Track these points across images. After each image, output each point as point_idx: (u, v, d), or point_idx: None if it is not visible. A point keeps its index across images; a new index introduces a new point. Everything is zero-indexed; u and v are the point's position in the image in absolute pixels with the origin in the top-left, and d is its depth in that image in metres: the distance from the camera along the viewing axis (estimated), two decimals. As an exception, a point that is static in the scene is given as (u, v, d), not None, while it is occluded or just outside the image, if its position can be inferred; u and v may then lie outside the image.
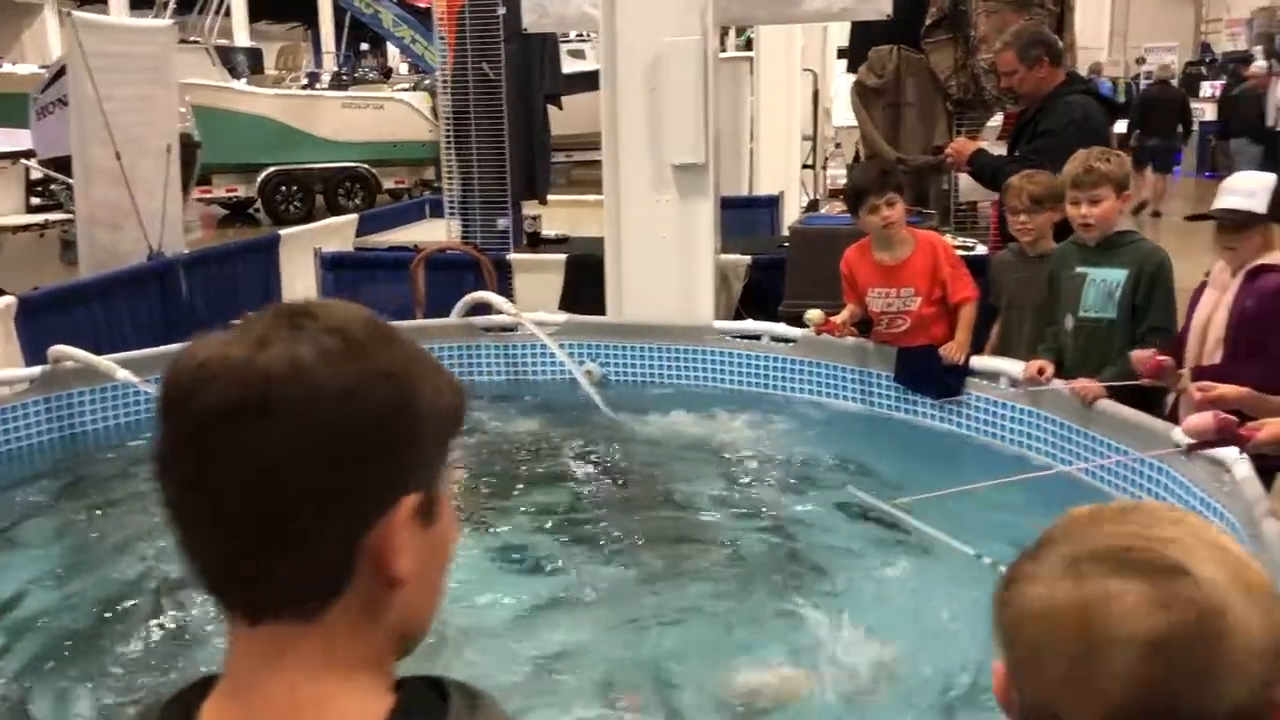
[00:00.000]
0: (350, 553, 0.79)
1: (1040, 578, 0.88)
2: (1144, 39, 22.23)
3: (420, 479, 0.83)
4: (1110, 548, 0.86)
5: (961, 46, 5.61)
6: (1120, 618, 0.83)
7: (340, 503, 0.78)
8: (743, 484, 4.36)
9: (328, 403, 0.77)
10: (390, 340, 0.82)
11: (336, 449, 0.77)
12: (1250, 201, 3.25)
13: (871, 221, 4.39)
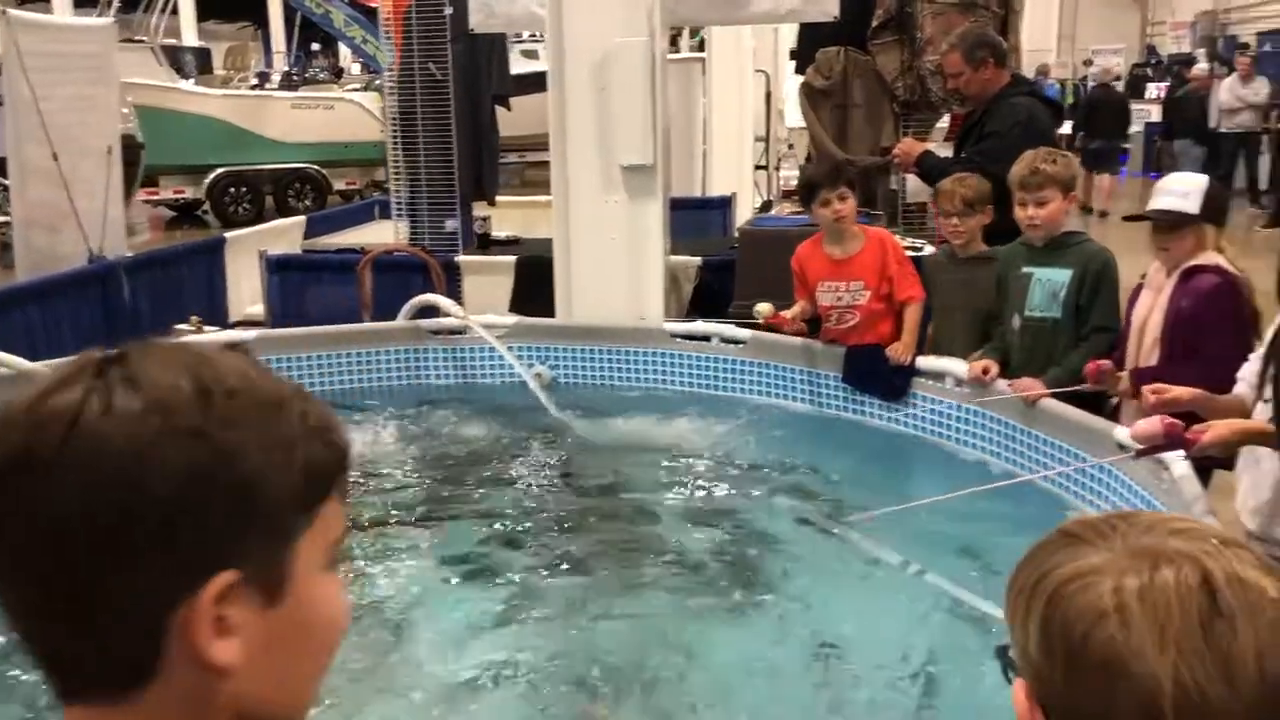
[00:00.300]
0: (153, 633, 0.70)
1: (1106, 572, 0.84)
2: (1091, 41, 22.55)
3: (247, 555, 0.72)
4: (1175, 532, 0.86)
5: (908, 48, 5.64)
6: (1251, 582, 0.82)
7: (133, 575, 0.69)
8: (692, 486, 4.34)
9: (110, 462, 0.68)
10: (215, 397, 0.72)
11: (123, 514, 0.68)
12: (1183, 202, 3.29)
13: (823, 215, 4.43)
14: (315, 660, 0.79)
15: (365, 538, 3.81)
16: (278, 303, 6.69)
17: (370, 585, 3.50)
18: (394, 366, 5.42)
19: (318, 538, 0.76)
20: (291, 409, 0.75)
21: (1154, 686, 0.80)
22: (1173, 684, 0.79)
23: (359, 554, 3.68)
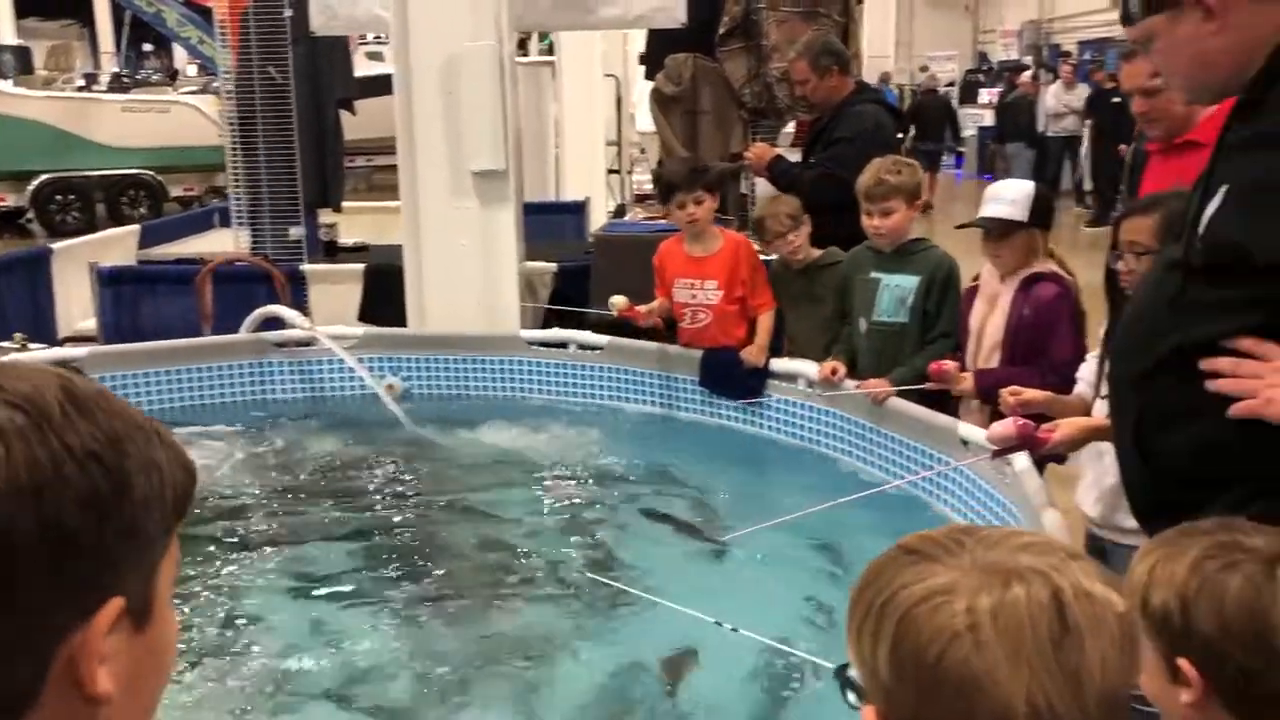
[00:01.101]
0: (41, 664, 0.68)
1: (957, 591, 0.83)
2: (927, 48, 23.43)
3: (133, 578, 0.71)
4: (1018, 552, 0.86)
5: (754, 55, 5.72)
6: (1098, 596, 0.82)
7: (22, 608, 0.66)
8: (552, 495, 4.30)
9: (7, 492, 0.65)
10: (94, 412, 0.70)
11: (18, 546, 0.65)
12: (1012, 210, 3.40)
13: (678, 216, 4.52)
14: (160, 688, 0.78)
15: (209, 562, 3.64)
16: (111, 317, 6.35)
17: (214, 611, 3.34)
18: (237, 382, 5.21)
19: (169, 562, 0.76)
20: (151, 430, 0.74)
21: (1008, 706, 0.80)
22: (1026, 703, 0.80)
23: (203, 579, 3.51)
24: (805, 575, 3.49)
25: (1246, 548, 1.37)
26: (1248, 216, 1.76)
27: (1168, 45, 1.93)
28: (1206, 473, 1.87)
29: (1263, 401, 1.73)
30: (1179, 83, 2.01)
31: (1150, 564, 1.40)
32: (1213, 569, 1.36)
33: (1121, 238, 2.68)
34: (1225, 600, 1.34)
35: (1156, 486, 1.98)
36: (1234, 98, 1.92)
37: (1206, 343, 1.82)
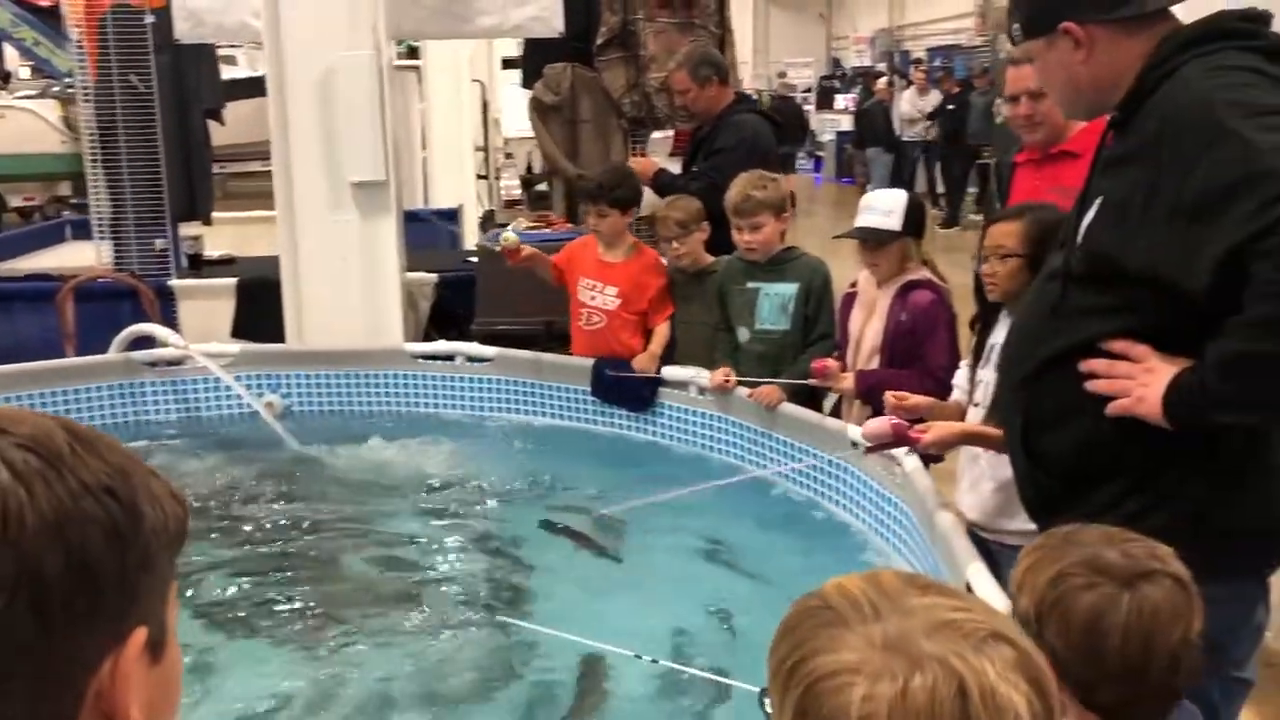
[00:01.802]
0: (79, 696, 0.69)
1: (861, 673, 0.83)
2: (784, 54, 23.94)
3: (151, 608, 0.73)
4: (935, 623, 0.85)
5: (632, 65, 5.77)
6: (1003, 697, 0.81)
7: (59, 643, 0.67)
8: (443, 509, 4.24)
9: (30, 532, 0.66)
10: (99, 448, 0.72)
11: (51, 582, 0.66)
12: (887, 220, 3.52)
13: (588, 223, 4.64)
14: (173, 717, 0.79)
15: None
16: (-42, 339, 6.00)
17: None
18: (107, 404, 4.99)
19: (173, 593, 0.77)
20: (143, 463, 0.76)
21: None
22: None
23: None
24: (703, 584, 3.52)
25: (1104, 566, 1.47)
26: (1117, 227, 1.89)
27: (1044, 66, 2.08)
28: (1089, 469, 2.00)
29: (1135, 400, 1.86)
30: (1055, 100, 2.18)
31: (1026, 565, 1.50)
32: (1069, 586, 1.46)
33: (988, 242, 2.80)
34: (1072, 618, 1.45)
35: (1044, 483, 2.11)
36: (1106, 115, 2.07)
37: (1086, 346, 1.95)
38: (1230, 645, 1.96)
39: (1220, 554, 1.90)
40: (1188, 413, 1.81)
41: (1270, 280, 1.66)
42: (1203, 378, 1.79)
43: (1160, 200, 1.81)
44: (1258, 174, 1.66)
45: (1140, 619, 1.45)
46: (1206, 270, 1.73)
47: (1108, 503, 1.96)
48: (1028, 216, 2.77)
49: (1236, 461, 1.90)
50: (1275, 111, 1.72)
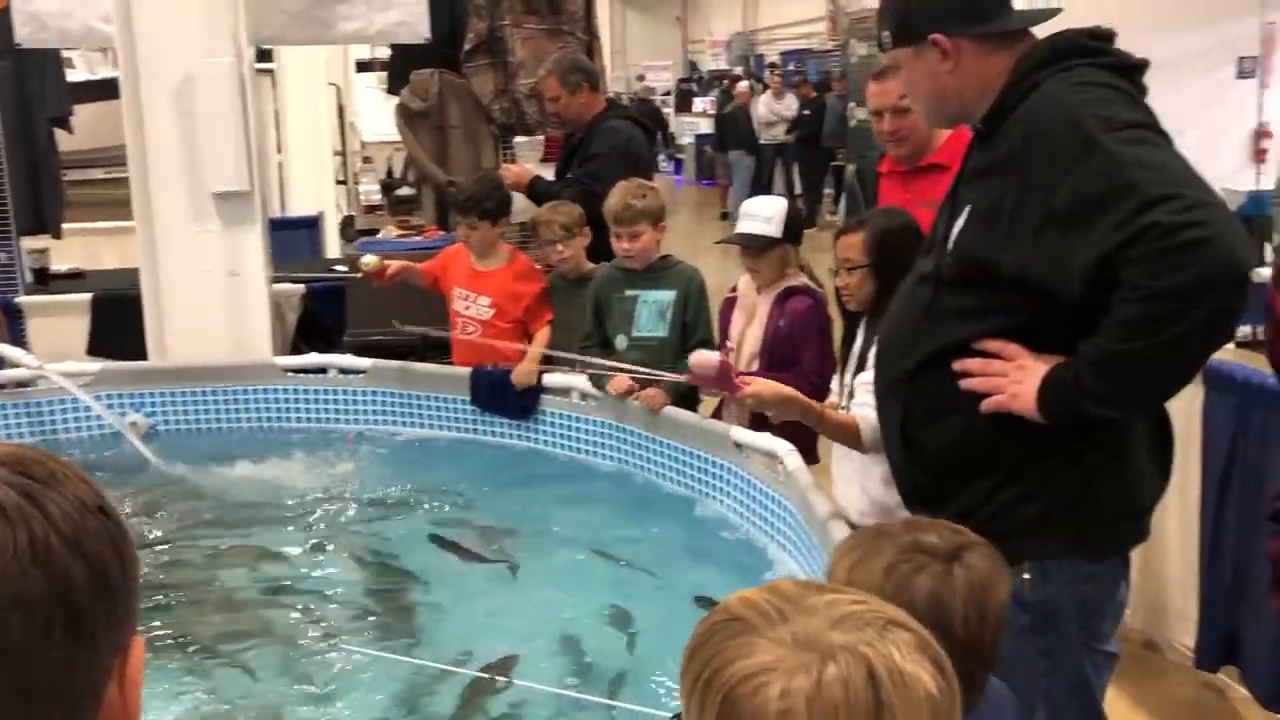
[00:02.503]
0: (95, 708, 0.73)
1: (776, 671, 0.86)
2: (642, 58, 24.14)
3: (138, 618, 0.78)
4: (843, 616, 0.89)
5: (501, 72, 5.75)
6: (910, 675, 0.86)
7: (88, 651, 0.72)
8: (323, 525, 4.14)
9: (56, 552, 0.69)
10: (70, 468, 0.75)
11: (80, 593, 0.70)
12: (767, 226, 3.60)
13: (458, 233, 4.64)
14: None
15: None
16: None
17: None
18: (-46, 429, 4.72)
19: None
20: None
21: None
22: None
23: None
24: (593, 589, 3.52)
25: (927, 548, 1.56)
26: (987, 234, 1.99)
27: (911, 75, 2.17)
28: (965, 463, 2.10)
29: (1009, 396, 1.97)
30: (920, 108, 2.27)
31: (848, 566, 1.57)
32: (904, 572, 1.54)
33: (837, 255, 2.91)
34: (916, 600, 1.52)
35: (922, 478, 2.20)
36: (971, 126, 2.18)
37: (960, 345, 2.05)
38: (1099, 621, 2.10)
39: (1090, 538, 2.05)
40: (1062, 408, 1.92)
41: (1137, 285, 1.77)
42: (1076, 374, 1.89)
43: (1030, 208, 1.91)
44: (1123, 186, 1.77)
45: (972, 589, 1.55)
46: (1079, 275, 1.84)
47: (984, 495, 2.07)
48: (868, 227, 2.88)
49: (1103, 452, 2.02)
50: (1135, 125, 1.85)
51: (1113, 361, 1.85)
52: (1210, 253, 1.71)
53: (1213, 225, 1.72)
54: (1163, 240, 1.72)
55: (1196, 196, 1.75)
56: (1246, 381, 3.20)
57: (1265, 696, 3.27)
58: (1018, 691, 2.11)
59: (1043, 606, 2.04)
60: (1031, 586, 2.04)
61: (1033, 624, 2.05)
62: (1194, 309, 1.74)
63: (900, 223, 2.92)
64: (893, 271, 2.80)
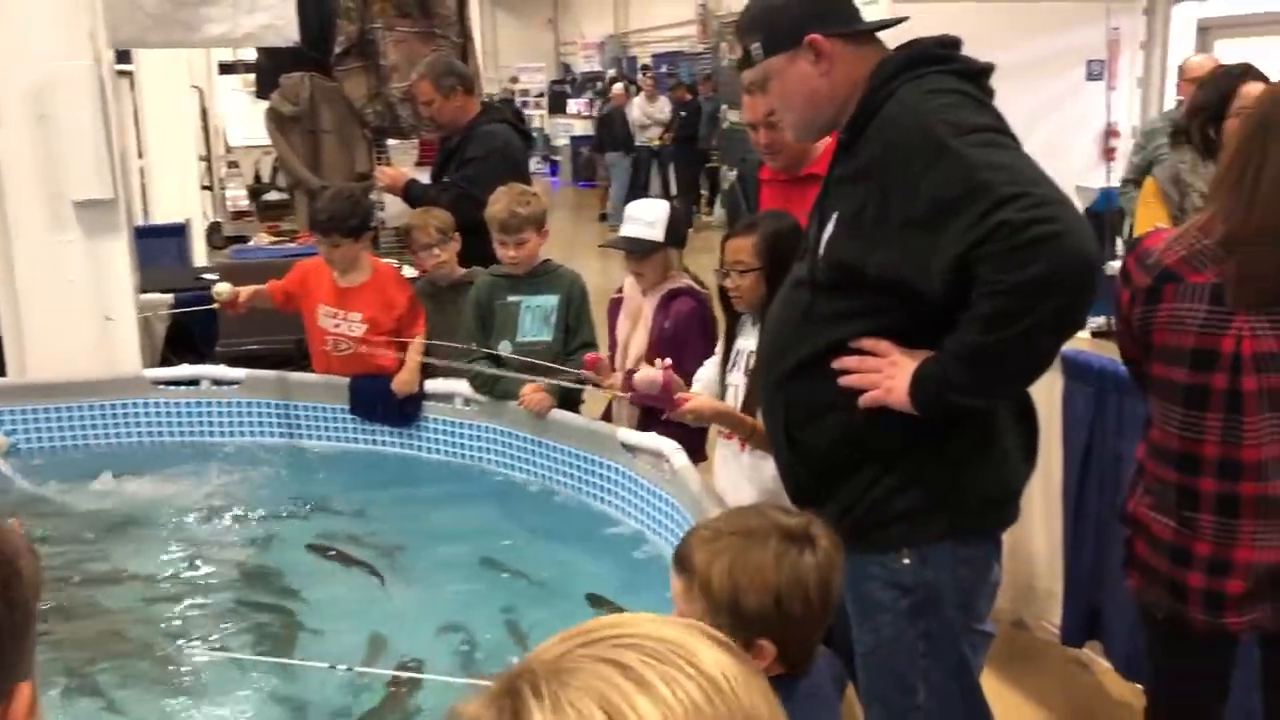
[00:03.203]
0: None
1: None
2: (515, 59, 24.02)
3: (30, 662, 0.75)
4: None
5: (374, 75, 5.67)
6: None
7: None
8: (199, 544, 4.01)
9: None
10: None
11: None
12: (650, 230, 3.65)
13: (320, 253, 4.52)
14: None
15: None
16: None
17: None
18: None
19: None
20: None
21: None
22: None
23: None
24: (480, 595, 3.51)
25: (785, 532, 1.65)
26: (854, 239, 2.07)
27: (783, 85, 2.22)
28: (844, 458, 2.19)
29: (884, 391, 2.07)
30: (791, 120, 2.31)
31: (726, 568, 1.62)
32: (762, 560, 1.62)
33: (726, 257, 2.97)
34: (808, 586, 1.62)
35: (804, 475, 2.28)
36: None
37: (836, 346, 2.14)
38: (975, 601, 2.21)
39: (964, 522, 2.15)
40: (931, 400, 2.01)
41: (990, 281, 1.86)
42: (943, 368, 1.99)
43: (891, 213, 2.00)
44: (974, 187, 1.86)
45: (821, 571, 1.64)
46: (940, 274, 1.93)
47: (863, 488, 2.16)
48: (759, 230, 2.95)
49: (971, 441, 2.13)
50: (983, 129, 1.95)
51: (973, 354, 1.95)
52: (1057, 248, 1.81)
53: (1059, 221, 1.82)
54: (1012, 238, 1.82)
55: (1043, 194, 1.84)
56: (1102, 370, 3.37)
57: (1124, 667, 3.46)
58: (899, 674, 2.22)
59: (922, 590, 2.14)
60: (911, 572, 2.13)
61: (913, 607, 2.15)
62: (1043, 302, 1.84)
63: (788, 225, 3.01)
64: (784, 274, 2.89)
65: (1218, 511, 2.20)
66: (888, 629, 2.19)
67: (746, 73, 2.27)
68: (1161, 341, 2.20)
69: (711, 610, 1.62)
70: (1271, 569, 2.20)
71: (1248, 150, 2.12)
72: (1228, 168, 2.16)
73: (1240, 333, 2.11)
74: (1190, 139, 3.86)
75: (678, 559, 1.70)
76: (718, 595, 1.62)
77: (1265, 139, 2.09)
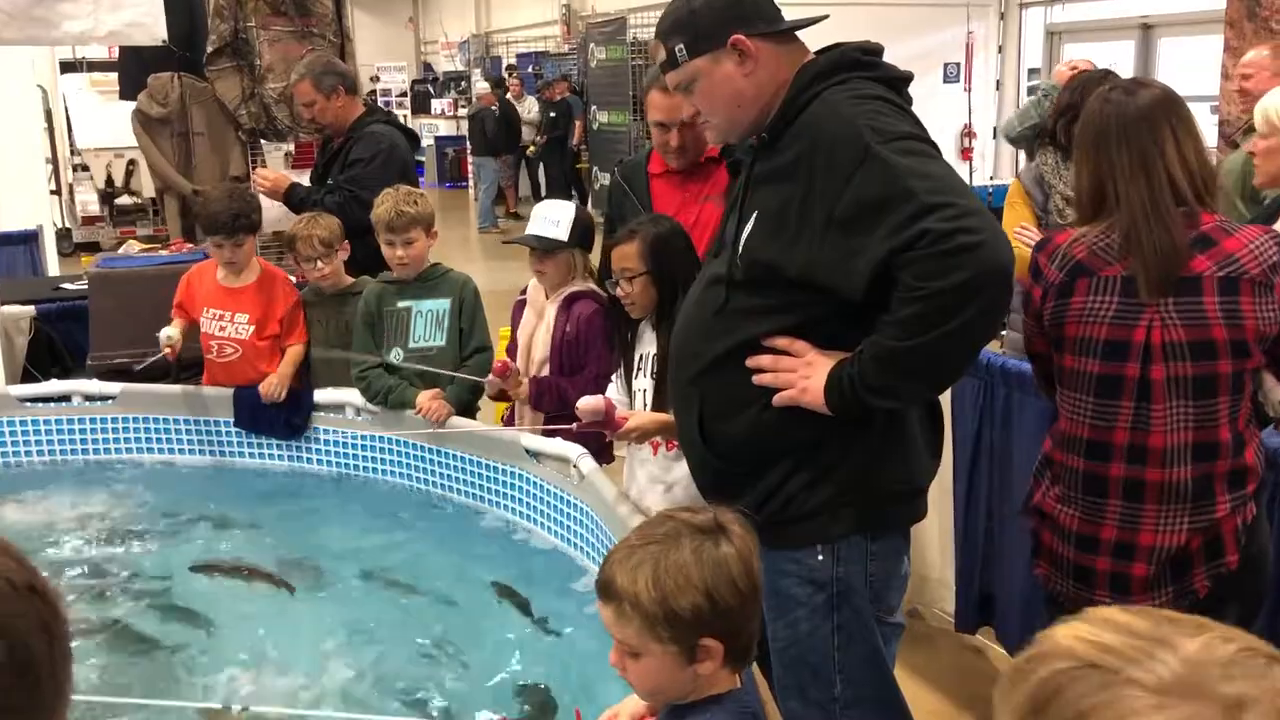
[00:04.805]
0: None
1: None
2: (375, 59, 23.53)
3: (66, 702, 0.75)
4: None
5: (247, 75, 5.48)
6: None
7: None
8: (76, 567, 3.80)
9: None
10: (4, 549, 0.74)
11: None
12: (556, 230, 3.62)
13: (216, 254, 4.39)
14: None
15: None
16: None
17: None
18: None
19: None
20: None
21: None
22: None
23: None
24: (380, 616, 3.41)
25: (699, 528, 1.67)
26: (775, 238, 2.10)
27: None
28: (757, 454, 2.22)
29: (799, 391, 2.10)
30: (717, 122, 2.30)
31: (650, 577, 1.62)
32: (713, 554, 1.64)
33: (614, 265, 2.99)
34: (734, 574, 1.64)
35: (720, 470, 2.29)
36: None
37: (751, 342, 2.16)
38: (887, 594, 2.26)
39: (874, 517, 2.19)
40: (846, 401, 2.05)
41: (912, 287, 1.91)
42: (860, 369, 2.03)
43: (815, 213, 2.02)
44: (899, 194, 1.90)
45: (742, 558, 1.66)
46: (861, 277, 1.97)
47: (776, 484, 2.18)
48: (640, 235, 2.97)
49: (881, 438, 2.17)
50: (907, 137, 1.99)
51: (890, 357, 1.99)
52: (978, 258, 1.87)
53: (981, 232, 1.88)
54: (935, 246, 1.87)
55: (966, 205, 1.90)
56: (989, 364, 3.48)
57: (1016, 650, 3.58)
58: (815, 668, 2.25)
59: (836, 584, 2.18)
60: (824, 567, 2.17)
61: (827, 602, 2.19)
62: (963, 309, 1.89)
63: (669, 228, 3.03)
64: (672, 275, 2.92)
65: (1124, 497, 2.31)
66: (804, 624, 2.22)
67: (670, 74, 2.25)
68: (1074, 334, 2.29)
69: (647, 625, 1.61)
70: (1173, 553, 2.32)
71: (1095, 160, 2.29)
72: (1087, 178, 2.34)
73: (1151, 323, 2.22)
74: (1055, 140, 4.05)
75: (601, 588, 1.68)
76: (649, 607, 1.61)
77: (1105, 147, 2.27)
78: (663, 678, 1.66)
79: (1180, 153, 2.26)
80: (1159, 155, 2.25)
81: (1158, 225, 2.21)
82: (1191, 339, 2.22)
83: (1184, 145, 2.27)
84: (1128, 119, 2.28)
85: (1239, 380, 2.28)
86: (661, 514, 1.77)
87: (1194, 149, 2.30)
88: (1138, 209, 2.23)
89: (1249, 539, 2.33)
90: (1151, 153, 2.25)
